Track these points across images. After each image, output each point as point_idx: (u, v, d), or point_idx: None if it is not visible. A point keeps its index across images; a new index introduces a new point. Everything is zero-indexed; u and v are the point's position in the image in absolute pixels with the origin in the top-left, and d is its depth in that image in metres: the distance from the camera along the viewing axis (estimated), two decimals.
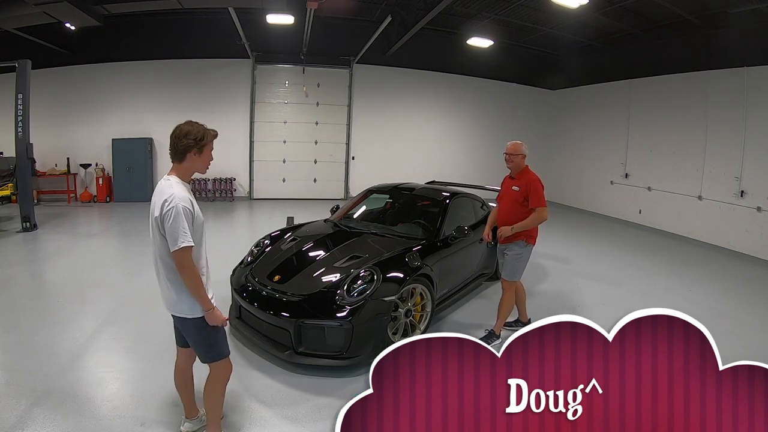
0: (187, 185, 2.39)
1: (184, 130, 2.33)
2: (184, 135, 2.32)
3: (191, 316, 2.39)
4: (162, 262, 2.35)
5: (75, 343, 3.72)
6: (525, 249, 3.96)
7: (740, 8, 7.31)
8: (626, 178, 10.61)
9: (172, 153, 2.37)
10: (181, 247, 2.21)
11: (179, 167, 2.39)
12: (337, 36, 11.12)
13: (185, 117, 9.15)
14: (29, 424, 2.68)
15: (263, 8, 8.04)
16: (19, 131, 7.29)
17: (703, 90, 8.64)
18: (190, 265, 2.27)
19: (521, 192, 3.90)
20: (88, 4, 7.00)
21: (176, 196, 2.24)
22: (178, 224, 2.20)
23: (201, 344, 2.48)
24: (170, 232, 2.22)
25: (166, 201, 2.24)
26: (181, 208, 2.22)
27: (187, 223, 2.24)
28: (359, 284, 3.53)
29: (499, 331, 4.09)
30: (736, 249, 7.93)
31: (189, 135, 2.32)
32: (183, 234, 2.21)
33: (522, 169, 4.00)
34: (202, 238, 2.42)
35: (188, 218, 2.25)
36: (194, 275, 2.28)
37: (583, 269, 6.60)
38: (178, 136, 2.33)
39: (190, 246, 2.24)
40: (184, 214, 2.23)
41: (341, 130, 12.14)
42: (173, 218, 2.20)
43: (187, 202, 2.27)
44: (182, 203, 2.24)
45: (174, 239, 2.21)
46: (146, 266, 6.03)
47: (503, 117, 13.12)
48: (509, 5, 9.13)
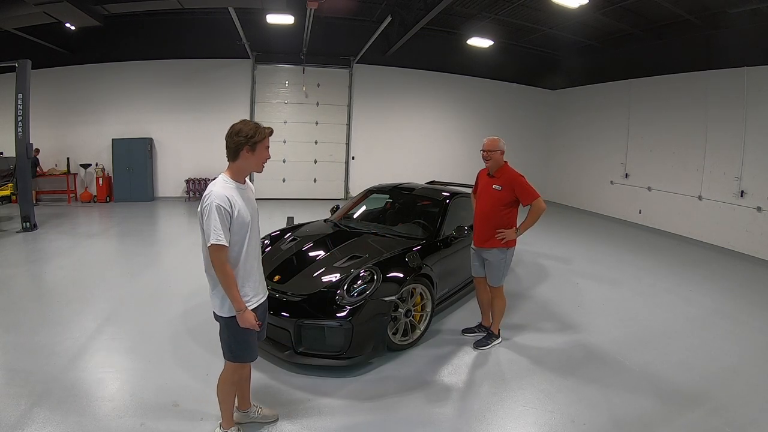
0: (235, 184, 2.37)
1: (236, 128, 2.34)
2: (236, 133, 2.32)
3: (219, 313, 2.41)
4: (203, 254, 2.37)
5: (75, 343, 3.72)
6: (507, 253, 3.83)
7: (740, 8, 7.30)
8: (626, 178, 10.61)
9: (227, 152, 2.38)
10: (211, 243, 2.23)
11: (232, 166, 2.40)
12: (337, 36, 11.12)
13: (185, 117, 9.22)
14: (29, 424, 2.68)
15: (263, 8, 8.04)
16: (19, 131, 7.30)
17: (703, 90, 8.64)
18: (220, 262, 2.27)
19: (505, 192, 3.72)
20: (88, 4, 7.00)
21: (213, 194, 2.26)
22: (210, 221, 2.23)
23: (225, 341, 2.48)
24: (205, 228, 2.26)
25: (205, 197, 2.29)
26: (214, 207, 2.23)
27: (222, 222, 2.24)
28: (359, 284, 3.53)
29: (497, 331, 4.08)
30: (736, 249, 7.93)
31: (240, 132, 2.31)
32: (214, 231, 2.22)
33: (501, 166, 3.81)
34: (247, 239, 2.39)
35: (223, 217, 2.25)
36: (224, 273, 2.28)
37: (583, 269, 6.60)
38: (230, 134, 2.33)
39: (220, 244, 2.24)
40: (218, 212, 2.23)
41: (341, 130, 12.14)
42: (208, 214, 2.24)
43: (223, 201, 2.26)
44: (217, 201, 2.24)
45: (208, 235, 2.24)
46: (146, 266, 6.04)
47: (503, 117, 13.12)
48: (509, 5, 9.13)
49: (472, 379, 3.51)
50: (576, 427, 2.92)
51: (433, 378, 3.46)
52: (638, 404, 3.21)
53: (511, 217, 3.79)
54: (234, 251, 2.34)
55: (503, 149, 3.78)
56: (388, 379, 3.40)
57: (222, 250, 2.26)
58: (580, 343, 4.16)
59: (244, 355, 2.50)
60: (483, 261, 3.94)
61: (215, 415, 2.86)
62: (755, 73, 7.66)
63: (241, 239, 2.36)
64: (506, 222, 3.77)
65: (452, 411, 3.07)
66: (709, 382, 3.54)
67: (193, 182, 11.30)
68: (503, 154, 3.80)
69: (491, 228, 3.79)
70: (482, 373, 3.60)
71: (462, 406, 3.14)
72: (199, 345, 3.79)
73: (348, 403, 3.07)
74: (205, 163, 11.34)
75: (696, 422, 3.03)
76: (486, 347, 3.95)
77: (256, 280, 2.49)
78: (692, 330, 4.61)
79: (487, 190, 3.84)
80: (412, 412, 2.98)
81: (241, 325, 2.37)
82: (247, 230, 2.38)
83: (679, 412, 3.13)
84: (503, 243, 3.77)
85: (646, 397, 3.30)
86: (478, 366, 3.71)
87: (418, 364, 3.65)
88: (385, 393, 3.22)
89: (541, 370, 3.65)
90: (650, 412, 3.13)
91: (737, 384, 3.55)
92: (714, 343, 4.29)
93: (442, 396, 3.24)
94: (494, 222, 3.77)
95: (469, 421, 2.97)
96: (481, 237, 3.89)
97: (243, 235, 2.36)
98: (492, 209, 3.79)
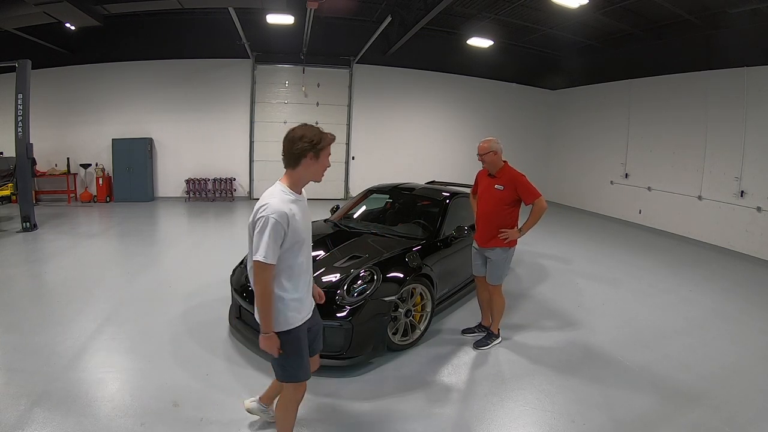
0: (294, 195, 2.20)
1: (298, 133, 2.18)
2: (299, 138, 2.16)
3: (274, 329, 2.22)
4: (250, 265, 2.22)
5: (75, 343, 3.72)
6: (508, 252, 3.86)
7: (740, 8, 7.30)
8: (626, 178, 10.61)
9: (285, 159, 2.21)
10: (257, 260, 2.07)
11: (292, 174, 2.22)
12: (337, 36, 11.12)
13: (185, 117, 9.23)
14: (29, 424, 2.68)
15: (263, 8, 8.04)
16: (19, 131, 7.29)
17: (703, 90, 8.64)
18: (263, 279, 2.10)
19: (507, 192, 3.73)
20: (88, 4, 7.00)
21: (270, 207, 2.08)
22: (262, 236, 2.06)
23: (275, 361, 2.31)
24: (255, 242, 2.10)
25: (260, 208, 2.10)
26: (271, 222, 2.05)
27: (274, 240, 2.06)
28: (359, 284, 3.53)
29: (497, 331, 4.08)
30: (736, 249, 7.93)
31: (304, 138, 2.16)
32: (264, 248, 2.05)
33: (501, 167, 3.80)
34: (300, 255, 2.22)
35: (277, 235, 2.07)
36: (264, 291, 2.11)
37: (583, 269, 6.60)
38: (292, 140, 2.17)
39: (267, 263, 2.07)
40: (273, 229, 2.05)
41: (341, 130, 12.12)
42: (260, 228, 2.07)
43: (281, 217, 2.07)
44: (275, 217, 2.06)
45: (255, 249, 2.08)
46: (146, 266, 6.04)
47: (503, 117, 13.12)
48: (509, 5, 9.13)
49: (472, 379, 3.51)
50: (576, 427, 2.92)
51: (433, 378, 3.46)
52: (638, 404, 3.21)
53: (513, 217, 3.81)
54: (284, 266, 2.17)
55: (496, 149, 3.74)
56: (388, 379, 3.40)
57: (267, 269, 2.09)
58: (580, 343, 4.16)
59: (299, 374, 2.32)
60: (485, 260, 3.95)
61: (215, 416, 2.86)
62: (755, 73, 7.66)
63: (293, 255, 2.18)
64: (509, 222, 3.79)
65: (452, 411, 3.07)
66: (708, 382, 3.55)
67: (193, 182, 11.29)
68: (497, 155, 3.76)
69: (494, 228, 3.80)
70: (482, 373, 3.60)
71: (462, 406, 3.14)
72: (199, 345, 3.79)
73: (348, 403, 3.07)
74: (205, 163, 11.35)
75: (696, 422, 3.03)
76: (486, 347, 3.96)
77: (303, 297, 2.29)
78: (692, 330, 4.61)
79: (489, 191, 3.85)
80: (412, 412, 2.98)
81: (261, 347, 2.23)
82: (301, 245, 2.21)
83: (678, 412, 3.14)
84: (506, 243, 3.78)
85: (646, 397, 3.30)
86: (478, 366, 3.71)
87: (418, 364, 3.65)
88: (385, 393, 3.22)
89: (541, 370, 3.65)
90: (650, 411, 3.13)
91: (737, 384, 3.55)
92: (714, 343, 4.29)
93: (442, 396, 3.24)
94: (497, 222, 3.79)
95: (469, 421, 2.97)
96: (483, 237, 3.90)
97: (296, 251, 2.19)
98: (494, 209, 3.80)
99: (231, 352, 3.69)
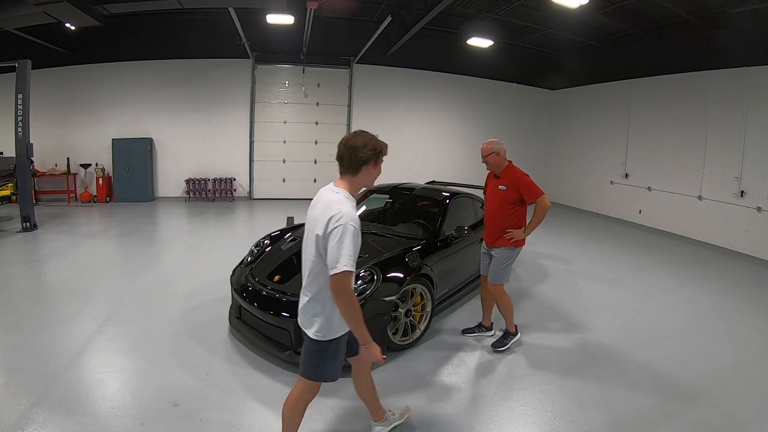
0: (354, 201, 2.21)
1: (361, 140, 2.20)
2: (363, 146, 2.18)
3: (318, 337, 2.21)
4: (311, 277, 2.19)
5: (75, 343, 3.72)
6: (513, 252, 3.86)
7: (740, 8, 7.30)
8: (626, 178, 10.61)
9: (345, 165, 2.21)
10: (341, 271, 1.99)
11: (352, 180, 2.23)
12: (337, 36, 11.12)
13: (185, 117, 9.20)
14: (29, 424, 2.68)
15: (263, 8, 8.04)
16: (19, 131, 7.30)
17: (703, 90, 8.64)
18: (348, 290, 2.06)
19: (510, 191, 3.74)
20: (88, 4, 7.01)
21: (345, 214, 2.05)
22: (342, 245, 2.00)
23: (310, 362, 2.29)
24: (332, 252, 2.02)
25: (333, 217, 2.05)
26: (350, 229, 2.02)
27: (355, 246, 2.04)
28: (359, 284, 3.53)
29: (513, 329, 4.02)
30: (736, 249, 7.94)
31: (368, 146, 2.18)
32: (347, 257, 2.00)
33: (506, 167, 3.82)
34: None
35: (356, 241, 2.05)
36: (352, 303, 2.08)
37: (583, 269, 6.60)
38: (356, 147, 2.18)
39: (350, 271, 2.02)
40: (353, 236, 2.03)
41: (341, 130, 12.11)
42: (339, 238, 2.01)
43: (357, 223, 2.07)
44: (353, 224, 2.04)
45: (335, 260, 2.00)
46: (146, 266, 6.04)
47: (503, 117, 13.12)
48: (509, 5, 9.13)
49: (472, 379, 3.51)
50: (576, 427, 2.92)
51: (433, 378, 3.46)
52: (638, 404, 3.21)
53: (518, 217, 3.80)
54: None
55: (498, 150, 3.76)
56: (388, 379, 3.40)
57: (350, 276, 2.05)
58: (580, 343, 4.16)
59: (328, 375, 2.31)
60: (491, 260, 3.95)
61: (215, 416, 2.86)
62: (755, 73, 7.66)
63: None
64: (514, 221, 3.79)
65: (452, 411, 3.07)
66: (708, 382, 3.55)
67: (193, 182, 11.29)
68: (499, 155, 3.77)
69: (499, 228, 3.82)
70: (482, 373, 3.60)
71: (462, 406, 3.14)
72: (199, 345, 3.79)
73: (348, 403, 3.07)
74: (205, 163, 11.34)
75: (696, 422, 3.03)
76: (504, 347, 3.92)
77: None
78: (692, 330, 4.61)
79: (494, 191, 3.87)
80: (411, 412, 2.98)
81: (366, 359, 2.26)
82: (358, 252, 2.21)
83: (678, 412, 3.14)
84: (512, 242, 3.79)
85: (646, 397, 3.30)
86: (478, 366, 3.71)
87: (418, 364, 3.65)
88: (385, 393, 3.21)
89: (541, 370, 3.65)
90: (650, 411, 3.13)
91: (737, 384, 3.55)
92: (714, 343, 4.29)
93: (442, 396, 3.24)
94: (502, 222, 3.80)
95: (469, 421, 2.97)
96: (490, 237, 3.93)
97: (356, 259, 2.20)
98: (499, 209, 3.83)
99: (231, 352, 3.69)
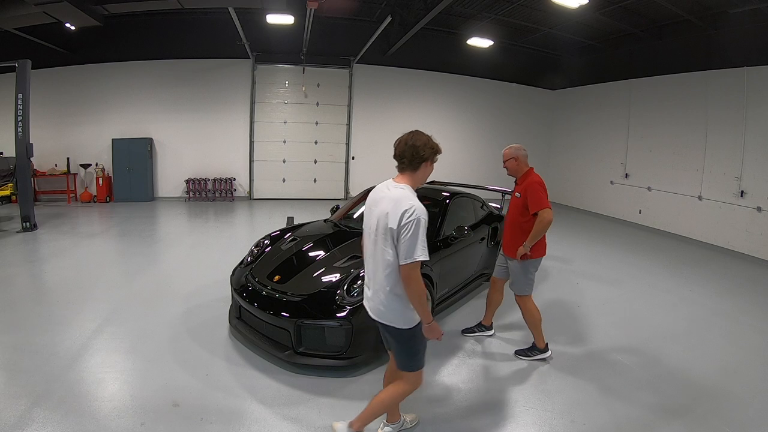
0: None
1: (421, 139, 2.33)
2: (423, 144, 2.31)
3: (401, 326, 2.36)
4: (382, 269, 2.32)
5: (75, 343, 3.72)
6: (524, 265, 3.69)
7: (740, 8, 7.31)
8: (626, 178, 10.61)
9: (406, 162, 2.35)
10: (415, 260, 2.18)
11: (413, 176, 2.38)
12: (337, 36, 11.12)
13: (185, 117, 9.20)
14: (29, 424, 2.68)
15: (263, 8, 8.05)
16: (19, 131, 7.30)
17: (703, 90, 8.64)
18: (418, 278, 2.23)
19: (522, 199, 3.61)
20: (88, 4, 7.01)
21: (418, 208, 2.21)
22: (417, 237, 2.17)
23: (405, 353, 2.46)
24: (407, 244, 2.18)
25: (406, 211, 2.19)
26: (423, 222, 2.19)
27: (425, 237, 2.21)
28: (359, 284, 3.52)
29: (542, 344, 3.80)
30: (736, 249, 7.94)
31: (427, 145, 2.32)
32: (421, 248, 2.18)
33: (524, 173, 3.73)
34: None
35: (425, 232, 2.21)
36: (421, 288, 2.24)
37: (583, 269, 6.60)
38: (417, 146, 2.31)
39: (423, 260, 2.20)
40: (425, 228, 2.20)
41: (341, 130, 12.14)
42: (413, 230, 2.17)
43: (426, 216, 2.23)
44: (424, 216, 2.21)
45: (410, 252, 2.18)
46: (146, 266, 6.04)
47: (503, 117, 13.13)
48: (509, 5, 9.13)
49: (472, 379, 3.51)
50: (576, 427, 2.92)
51: (433, 378, 3.46)
52: (638, 404, 3.21)
53: (528, 224, 3.62)
54: None
55: (516, 156, 3.70)
56: None
57: (420, 266, 2.23)
58: (580, 343, 4.16)
59: (422, 361, 2.50)
60: (507, 265, 3.88)
61: (215, 416, 2.86)
62: (755, 73, 7.67)
63: None
64: (528, 230, 3.58)
65: (452, 411, 3.07)
66: (708, 382, 3.55)
67: (193, 182, 11.29)
68: (518, 161, 3.70)
69: (513, 236, 3.73)
70: (482, 373, 3.60)
71: (462, 406, 3.14)
72: (199, 345, 3.79)
73: (348, 403, 3.07)
74: (205, 163, 11.35)
75: (696, 422, 3.03)
76: (527, 357, 3.80)
77: None
78: (692, 330, 4.61)
79: (513, 198, 3.81)
80: (411, 412, 2.98)
81: (429, 336, 2.38)
82: None
83: (678, 412, 3.14)
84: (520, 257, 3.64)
85: (645, 397, 3.30)
86: (478, 366, 3.71)
87: None
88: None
89: (541, 370, 3.65)
90: (650, 412, 3.13)
91: (737, 384, 3.55)
92: (714, 343, 4.29)
93: (442, 396, 3.24)
94: (515, 230, 3.71)
95: (469, 421, 2.97)
96: (506, 245, 3.84)
97: None
98: (513, 216, 3.75)
99: (231, 352, 3.69)
